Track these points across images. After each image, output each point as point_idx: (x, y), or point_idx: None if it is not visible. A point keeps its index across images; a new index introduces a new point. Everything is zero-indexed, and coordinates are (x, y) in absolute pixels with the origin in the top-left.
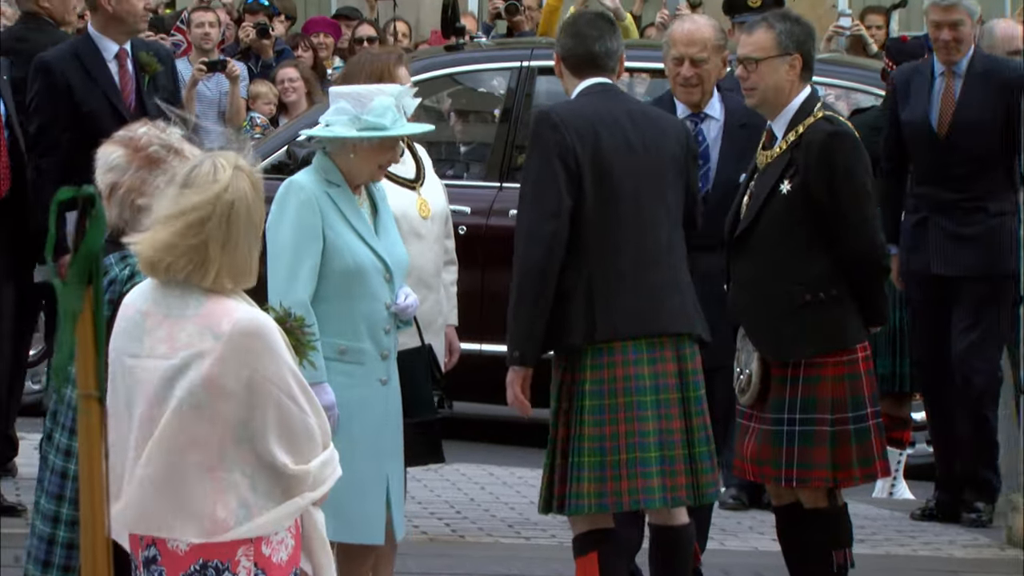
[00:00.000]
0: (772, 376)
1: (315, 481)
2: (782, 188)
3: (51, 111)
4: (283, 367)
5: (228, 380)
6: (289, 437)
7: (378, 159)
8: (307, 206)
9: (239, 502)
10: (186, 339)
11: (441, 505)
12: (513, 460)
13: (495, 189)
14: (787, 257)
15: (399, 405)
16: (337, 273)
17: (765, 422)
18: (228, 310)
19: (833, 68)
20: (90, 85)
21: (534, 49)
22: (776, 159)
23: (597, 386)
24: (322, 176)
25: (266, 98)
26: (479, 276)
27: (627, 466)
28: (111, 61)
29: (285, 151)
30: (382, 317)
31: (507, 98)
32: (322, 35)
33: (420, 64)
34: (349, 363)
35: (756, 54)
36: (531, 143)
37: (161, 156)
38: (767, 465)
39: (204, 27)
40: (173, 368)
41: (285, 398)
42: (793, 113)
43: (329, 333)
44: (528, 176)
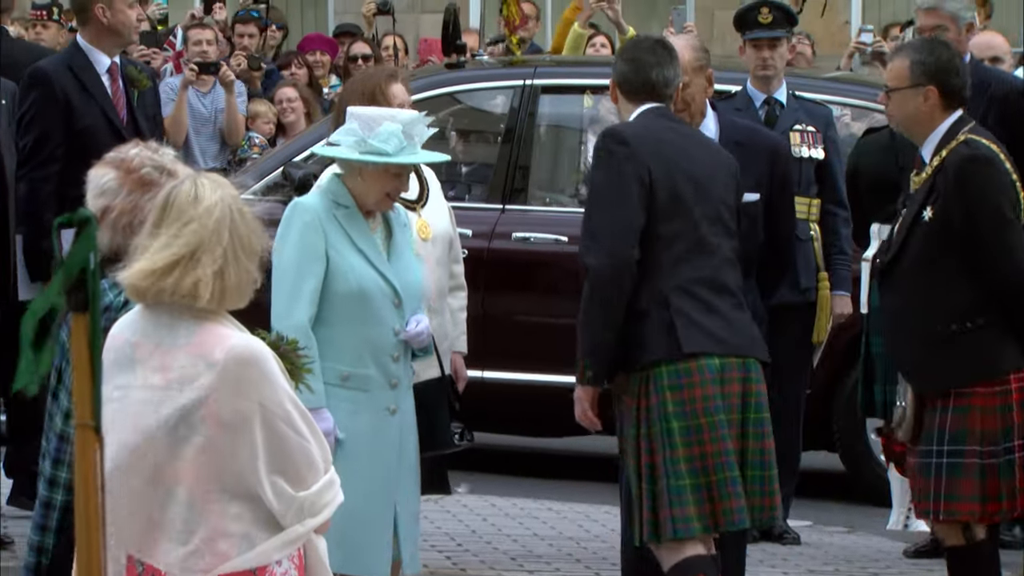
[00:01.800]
0: (926, 408)
1: (315, 507)
2: (925, 215)
3: (46, 123)
4: (280, 394)
5: (225, 410)
6: (289, 465)
7: (384, 186)
8: (311, 227)
9: (241, 533)
10: (179, 370)
11: (441, 537)
12: (516, 491)
13: (498, 211)
14: (931, 286)
15: (412, 436)
16: (340, 296)
17: (918, 455)
18: (221, 337)
19: (848, 87)
20: (86, 98)
21: (537, 67)
22: (922, 186)
23: (680, 407)
24: (331, 198)
25: (265, 117)
26: (481, 302)
27: (717, 487)
28: (104, 75)
29: (281, 172)
30: (389, 343)
31: (510, 117)
32: (318, 52)
33: (420, 82)
34: (352, 389)
35: (890, 83)
36: (602, 159)
37: (154, 178)
38: (922, 500)
39: (201, 44)
40: (167, 399)
41: (284, 425)
42: (939, 139)
43: (332, 358)
44: (599, 192)
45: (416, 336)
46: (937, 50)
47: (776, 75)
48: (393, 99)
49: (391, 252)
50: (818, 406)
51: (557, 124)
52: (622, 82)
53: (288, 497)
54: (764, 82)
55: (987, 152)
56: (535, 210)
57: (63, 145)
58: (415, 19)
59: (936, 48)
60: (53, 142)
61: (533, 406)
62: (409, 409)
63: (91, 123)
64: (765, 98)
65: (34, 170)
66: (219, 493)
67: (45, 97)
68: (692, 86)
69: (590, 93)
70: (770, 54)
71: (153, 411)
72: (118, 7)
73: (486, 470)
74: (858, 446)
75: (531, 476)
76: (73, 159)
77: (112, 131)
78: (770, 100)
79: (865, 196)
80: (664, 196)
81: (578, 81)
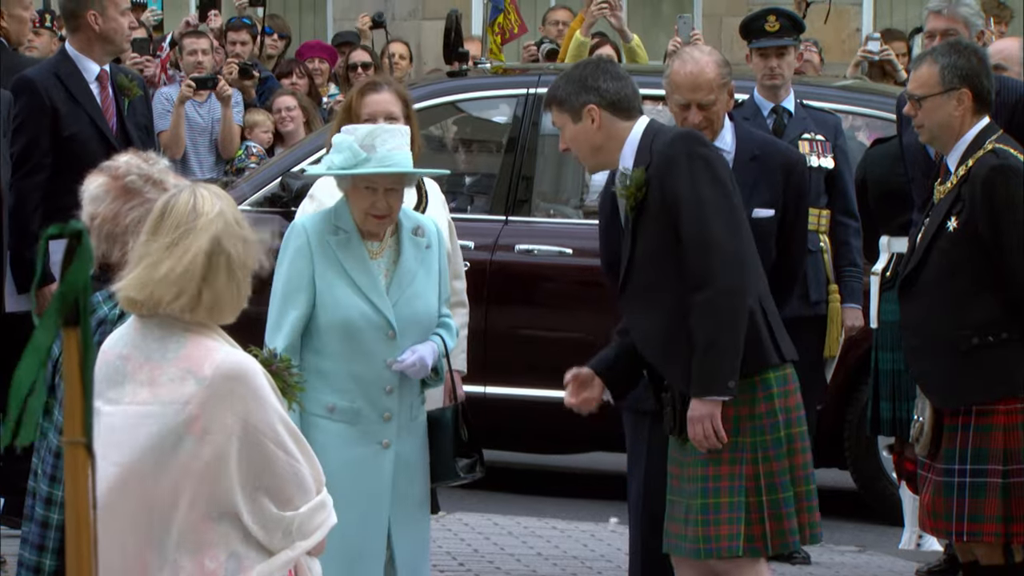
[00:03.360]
0: (944, 425)
1: (305, 529)
2: (949, 225)
3: (34, 131)
4: (269, 412)
5: (212, 426)
6: (278, 485)
7: (360, 203)
8: (300, 253)
9: (228, 554)
10: (168, 384)
11: (443, 556)
12: (519, 509)
13: (500, 223)
14: (953, 298)
15: (413, 469)
16: (325, 327)
17: (938, 473)
18: (210, 352)
19: (857, 96)
20: (73, 106)
21: (541, 76)
22: (947, 195)
23: (786, 414)
24: (331, 220)
25: (264, 127)
26: (483, 315)
27: (804, 499)
28: (93, 83)
29: (279, 183)
30: (379, 376)
31: (513, 127)
32: (317, 60)
33: (422, 91)
34: (339, 422)
35: (920, 91)
36: (699, 167)
37: (137, 187)
38: (941, 519)
39: (197, 55)
40: (155, 414)
41: (271, 444)
42: (966, 147)
43: (318, 388)
44: (716, 204)
45: (410, 367)
46: (966, 52)
47: (784, 84)
48: (363, 108)
49: (394, 279)
50: (829, 422)
51: None
52: (617, 100)
53: (274, 518)
54: (772, 91)
55: (1015, 162)
56: (539, 222)
57: (50, 154)
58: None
59: (964, 50)
60: (40, 151)
61: (537, 422)
62: (410, 441)
63: (79, 131)
64: (773, 107)
65: (21, 179)
66: (206, 512)
67: (31, 105)
68: (718, 103)
69: None
70: (778, 63)
71: (142, 426)
72: (111, 14)
73: (488, 487)
74: (870, 463)
75: (534, 494)
76: (61, 168)
77: (101, 140)
78: (778, 109)
79: (874, 207)
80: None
81: None
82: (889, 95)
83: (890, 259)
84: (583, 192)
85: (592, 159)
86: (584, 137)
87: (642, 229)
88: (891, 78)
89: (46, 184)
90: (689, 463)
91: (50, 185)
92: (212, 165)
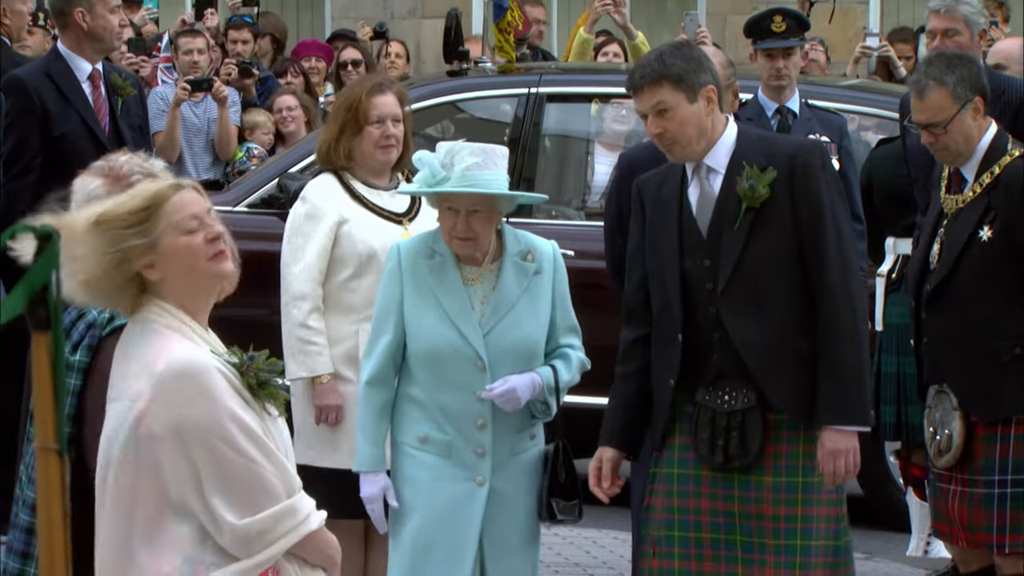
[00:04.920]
0: (976, 436)
1: (267, 537)
2: (981, 235)
3: (23, 131)
4: (218, 411)
5: (156, 424)
6: (231, 488)
7: (444, 224)
8: (391, 276)
9: (183, 558)
10: (129, 379)
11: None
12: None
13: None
14: (990, 309)
15: (510, 508)
16: (414, 355)
17: (976, 485)
18: (167, 348)
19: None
20: (64, 106)
21: (543, 75)
22: (970, 204)
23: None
24: (429, 243)
25: (264, 128)
26: None
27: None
28: (84, 82)
29: (276, 184)
30: (470, 409)
31: (514, 127)
32: (313, 59)
33: (421, 91)
34: (432, 454)
35: (939, 119)
36: (831, 176)
37: None
38: (980, 532)
39: (192, 54)
40: (115, 412)
41: (222, 445)
42: (984, 153)
43: (412, 417)
44: (845, 215)
45: (498, 397)
46: (962, 61)
47: (789, 84)
48: (372, 109)
49: (490, 307)
50: None
51: (563, 134)
52: (721, 88)
53: (226, 525)
54: (776, 91)
55: None
56: (540, 223)
57: (40, 154)
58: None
59: (959, 60)
60: (30, 151)
61: None
62: (509, 478)
63: (69, 131)
64: (777, 107)
65: (11, 181)
66: (162, 514)
67: (20, 106)
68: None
69: (597, 101)
70: (784, 63)
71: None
72: (99, 11)
73: None
74: (877, 469)
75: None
76: (52, 168)
77: (92, 139)
78: (782, 109)
79: (880, 208)
80: None
81: (585, 89)
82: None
83: (896, 261)
84: (585, 193)
85: (694, 145)
86: (697, 120)
87: (758, 233)
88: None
89: (36, 185)
90: (755, 500)
91: (40, 185)
92: (208, 166)
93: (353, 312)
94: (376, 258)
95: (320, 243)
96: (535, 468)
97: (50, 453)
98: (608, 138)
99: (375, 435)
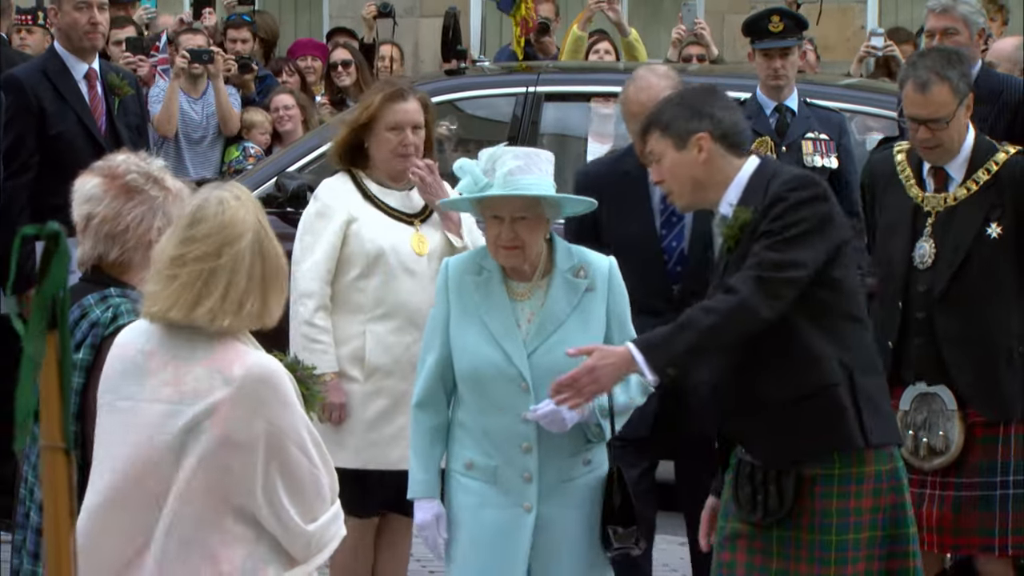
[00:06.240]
0: (975, 437)
1: (321, 542)
2: (989, 232)
3: (20, 130)
4: (295, 417)
5: (239, 429)
6: (299, 491)
7: (488, 234)
8: (440, 293)
9: (244, 556)
10: (193, 383)
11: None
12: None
13: None
14: (1000, 306)
15: (560, 535)
16: (460, 376)
17: (969, 488)
18: (239, 354)
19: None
20: (61, 105)
21: (540, 74)
22: (967, 201)
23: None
24: (477, 259)
25: (261, 128)
26: None
27: None
28: (81, 81)
29: (274, 183)
30: (514, 432)
31: (512, 126)
32: (309, 58)
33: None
34: (478, 480)
35: (942, 114)
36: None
37: (139, 185)
38: (971, 534)
39: None
40: (177, 412)
41: (296, 450)
42: (970, 150)
43: (459, 442)
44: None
45: (542, 418)
46: (956, 57)
47: (787, 84)
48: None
49: (536, 324)
50: None
51: (561, 132)
52: (731, 133)
53: (297, 530)
54: (775, 90)
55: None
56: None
57: (37, 153)
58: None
59: (954, 56)
60: (27, 150)
61: None
62: (560, 505)
63: (66, 130)
64: (776, 106)
65: (7, 180)
66: (225, 514)
67: (17, 105)
68: None
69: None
70: (781, 63)
71: (160, 424)
72: (65, 9)
73: None
74: None
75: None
76: (48, 167)
77: (88, 138)
78: (781, 108)
79: None
80: None
81: (582, 88)
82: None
83: None
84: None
85: (689, 196)
86: (685, 169)
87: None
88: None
89: (33, 184)
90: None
91: (37, 185)
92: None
93: (361, 312)
94: (384, 258)
95: (329, 241)
96: (590, 496)
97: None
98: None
99: (427, 460)
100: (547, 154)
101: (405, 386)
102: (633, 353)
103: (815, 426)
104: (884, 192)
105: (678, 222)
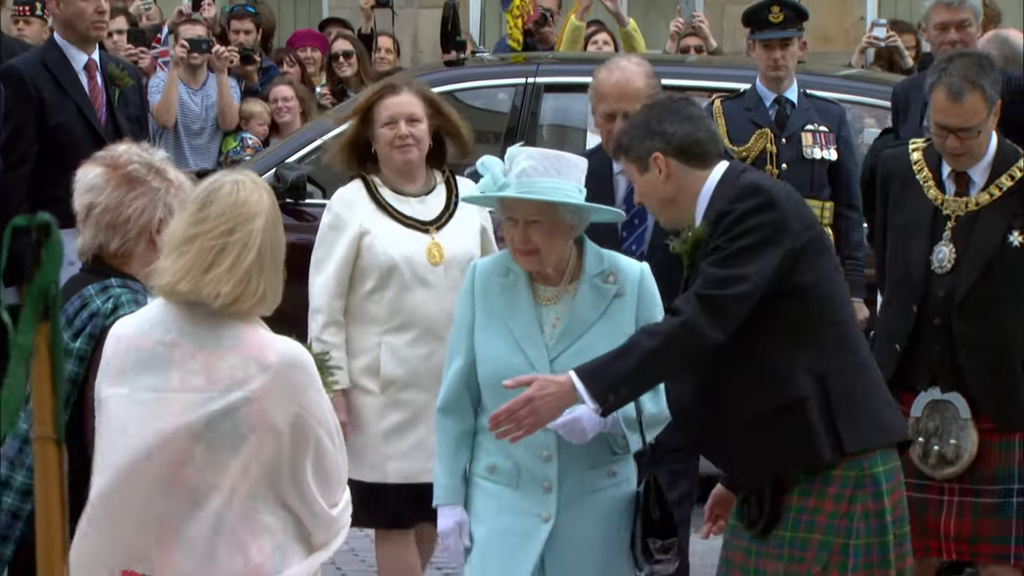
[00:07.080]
0: (991, 444)
1: (336, 527)
2: (1012, 239)
3: (19, 120)
4: (324, 403)
5: (276, 413)
6: (324, 477)
7: (506, 237)
8: (464, 296)
9: (273, 545)
10: (228, 371)
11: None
12: None
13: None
14: (1018, 314)
15: (577, 548)
16: (483, 381)
17: (985, 495)
18: (270, 340)
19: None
20: (60, 96)
21: (540, 65)
22: (991, 207)
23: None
24: (504, 261)
25: (260, 119)
26: None
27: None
28: (80, 72)
29: (274, 174)
30: (535, 440)
31: (511, 116)
32: (309, 49)
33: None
34: (500, 484)
35: (974, 123)
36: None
37: (141, 175)
38: (985, 543)
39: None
40: (211, 401)
41: (325, 435)
42: (993, 155)
43: (483, 447)
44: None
45: (561, 427)
46: (985, 62)
47: (787, 75)
48: (383, 110)
49: (561, 330)
50: None
51: (561, 123)
52: (687, 146)
53: (324, 515)
54: (775, 82)
55: None
56: None
57: (36, 144)
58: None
59: (988, 63)
60: (26, 141)
61: None
62: (580, 517)
63: (65, 120)
64: (775, 97)
65: (7, 170)
66: (256, 501)
67: (17, 95)
68: None
69: None
70: (781, 54)
71: (194, 413)
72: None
73: None
74: None
75: None
76: (48, 158)
77: (88, 129)
78: (780, 99)
79: None
80: None
81: (582, 79)
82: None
83: None
84: None
85: (666, 214)
86: (652, 189)
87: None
88: (898, 67)
89: (33, 175)
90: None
91: (37, 176)
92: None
93: (376, 324)
94: (397, 270)
95: (341, 255)
96: (616, 510)
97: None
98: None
99: (451, 466)
100: (575, 158)
101: (424, 397)
102: (575, 382)
103: (781, 444)
104: (900, 191)
105: (640, 224)
